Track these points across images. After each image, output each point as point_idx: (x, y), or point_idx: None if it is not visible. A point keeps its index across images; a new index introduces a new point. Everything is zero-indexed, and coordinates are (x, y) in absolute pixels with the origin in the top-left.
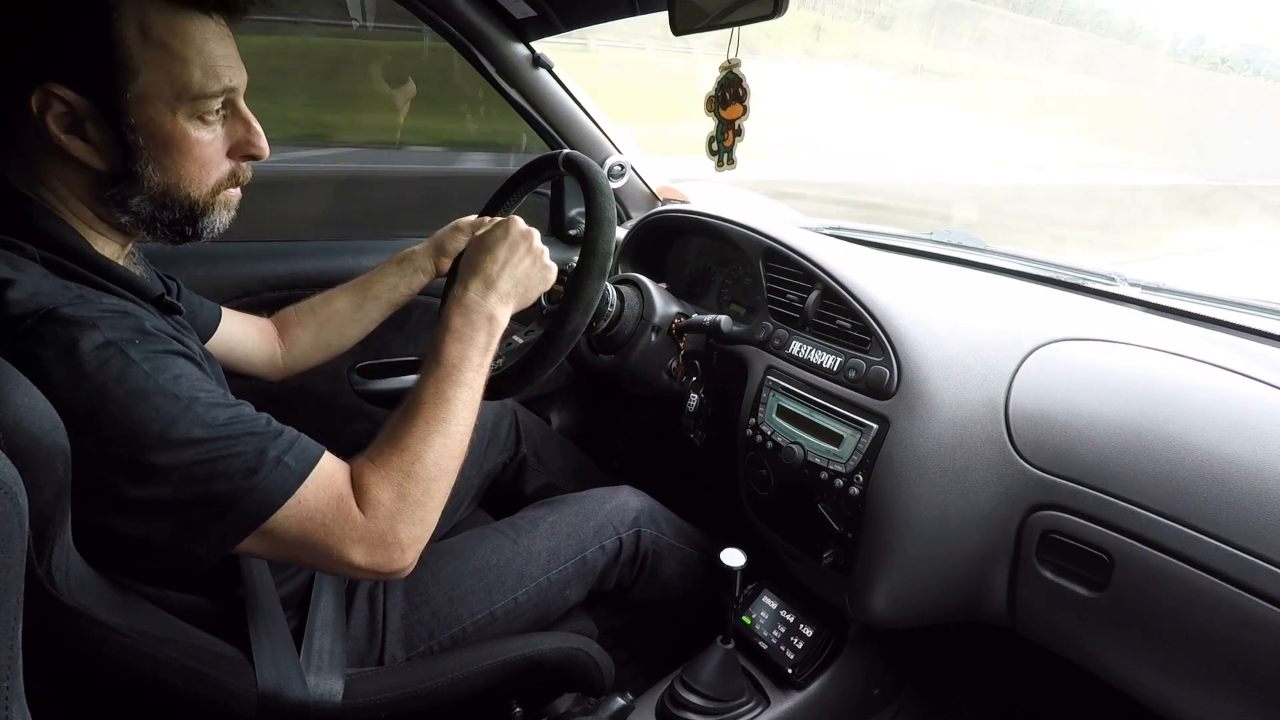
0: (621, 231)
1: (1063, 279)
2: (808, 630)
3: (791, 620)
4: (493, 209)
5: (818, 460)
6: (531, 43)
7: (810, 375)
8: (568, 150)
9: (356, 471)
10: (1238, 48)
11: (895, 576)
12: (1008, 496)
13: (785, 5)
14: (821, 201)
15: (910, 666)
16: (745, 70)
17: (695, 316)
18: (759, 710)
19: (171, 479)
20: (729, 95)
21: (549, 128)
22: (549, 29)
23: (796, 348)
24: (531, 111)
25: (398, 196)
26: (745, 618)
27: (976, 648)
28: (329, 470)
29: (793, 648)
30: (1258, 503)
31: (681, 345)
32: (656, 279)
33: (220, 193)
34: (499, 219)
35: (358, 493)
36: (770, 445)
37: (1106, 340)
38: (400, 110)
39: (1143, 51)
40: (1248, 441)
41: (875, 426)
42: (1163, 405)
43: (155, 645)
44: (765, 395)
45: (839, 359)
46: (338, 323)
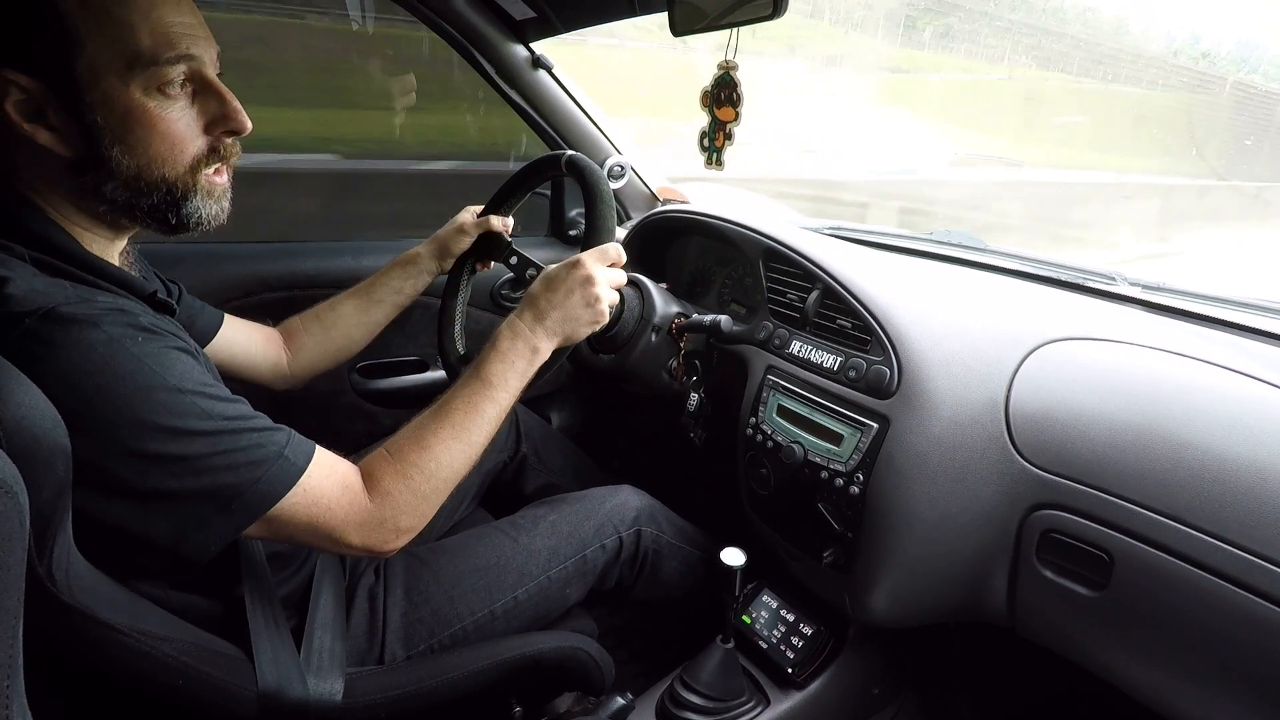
0: (621, 232)
1: (1063, 279)
2: (808, 630)
3: (791, 620)
4: (494, 207)
5: (818, 459)
6: (531, 44)
7: (810, 375)
8: (570, 153)
9: (373, 460)
10: (1234, 46)
11: (895, 576)
12: (1008, 496)
13: (785, 6)
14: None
15: (910, 666)
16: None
17: (695, 316)
18: (759, 710)
19: (177, 471)
20: (723, 96)
21: (549, 128)
22: (548, 30)
23: (797, 347)
24: (531, 112)
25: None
26: (745, 617)
27: (976, 648)
28: (329, 459)
29: (793, 647)
30: (1258, 502)
31: (682, 345)
32: (656, 279)
33: (199, 172)
34: (573, 258)
35: (370, 480)
36: (770, 444)
37: (1107, 340)
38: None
39: (1130, 50)
40: (1248, 441)
41: (875, 426)
42: (1163, 404)
43: (155, 644)
44: (765, 395)
45: (839, 358)
46: (344, 327)
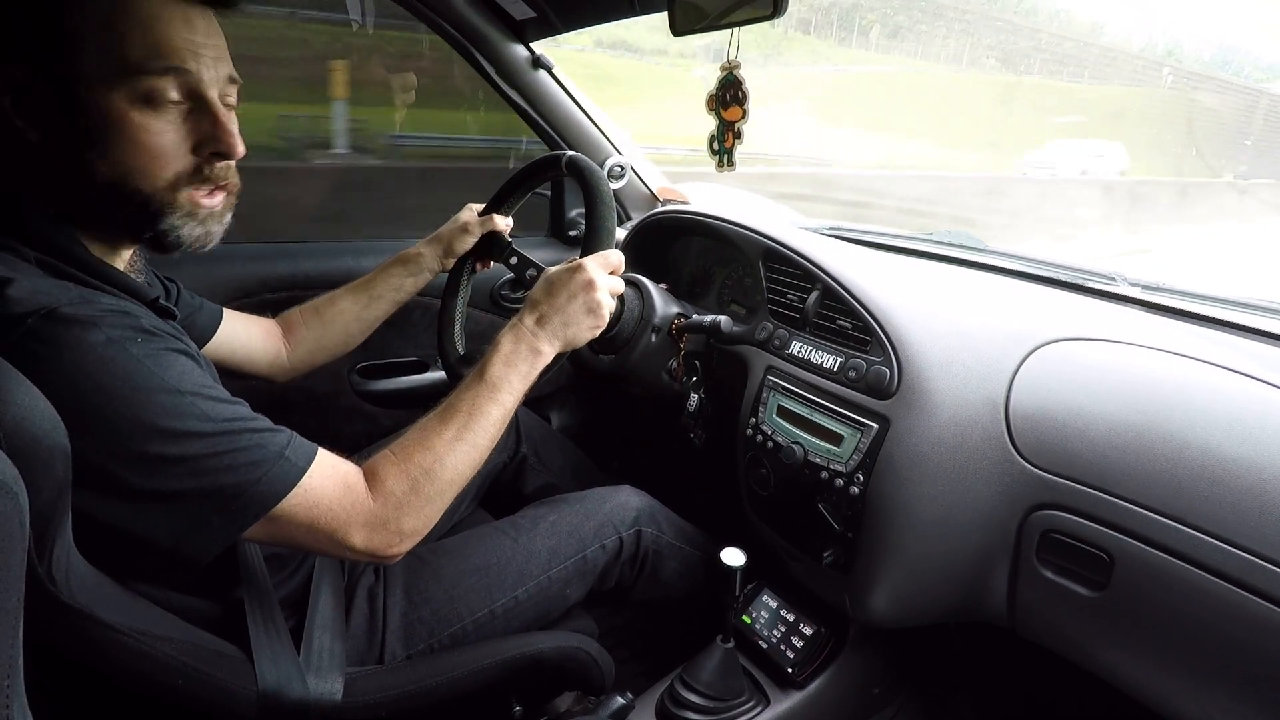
0: (621, 232)
1: (1063, 279)
2: (808, 630)
3: (791, 620)
4: (494, 207)
5: (818, 460)
6: (531, 43)
7: (810, 375)
8: (571, 153)
9: (376, 461)
10: (1216, 50)
11: (895, 576)
12: (1008, 496)
13: (785, 5)
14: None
15: (910, 666)
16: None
17: (695, 317)
18: (759, 710)
19: (177, 472)
20: (729, 97)
21: (549, 128)
22: (549, 29)
23: (796, 348)
24: (531, 112)
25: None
26: (745, 617)
27: (976, 648)
28: (331, 460)
29: (793, 647)
30: (1258, 502)
31: (682, 345)
32: (657, 279)
33: (180, 190)
34: (575, 261)
35: (373, 480)
36: (770, 445)
37: (1107, 340)
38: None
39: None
40: (1248, 441)
41: (875, 426)
42: (1163, 405)
43: (155, 644)
44: (765, 395)
45: (839, 359)
46: (342, 322)
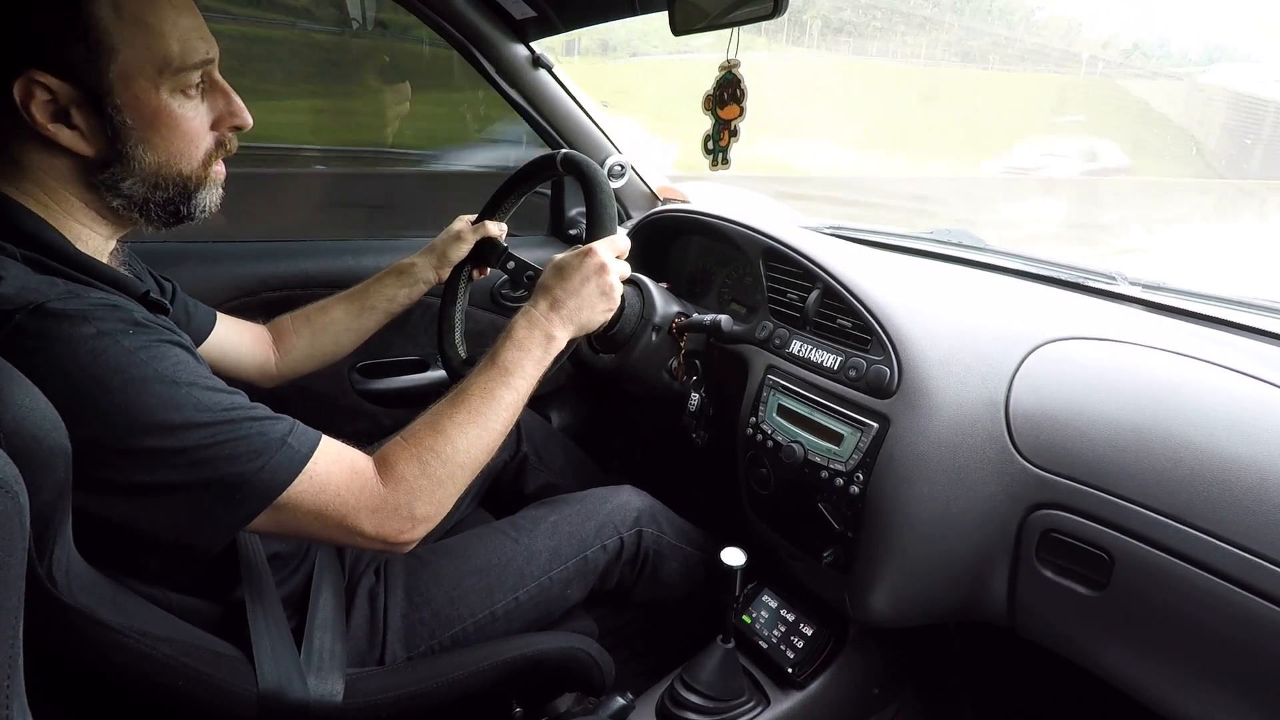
0: (621, 231)
1: (1063, 278)
2: (808, 629)
3: (792, 619)
4: (491, 211)
5: (818, 459)
6: (531, 43)
7: (811, 374)
8: (566, 150)
9: (387, 447)
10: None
11: (895, 576)
12: (1008, 495)
13: (785, 5)
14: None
15: (910, 666)
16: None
17: (695, 316)
18: (759, 710)
19: (178, 464)
20: (726, 95)
21: (549, 128)
22: (549, 29)
23: (797, 347)
24: (531, 112)
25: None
26: (745, 617)
27: (976, 647)
28: (336, 446)
29: (793, 647)
30: (1258, 501)
31: (682, 345)
32: (657, 278)
33: (210, 166)
34: (583, 247)
35: (383, 466)
36: (770, 444)
37: (1107, 339)
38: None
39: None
40: (1248, 440)
41: (875, 425)
42: (1163, 404)
43: (155, 645)
44: (766, 394)
45: (839, 358)
46: (333, 331)
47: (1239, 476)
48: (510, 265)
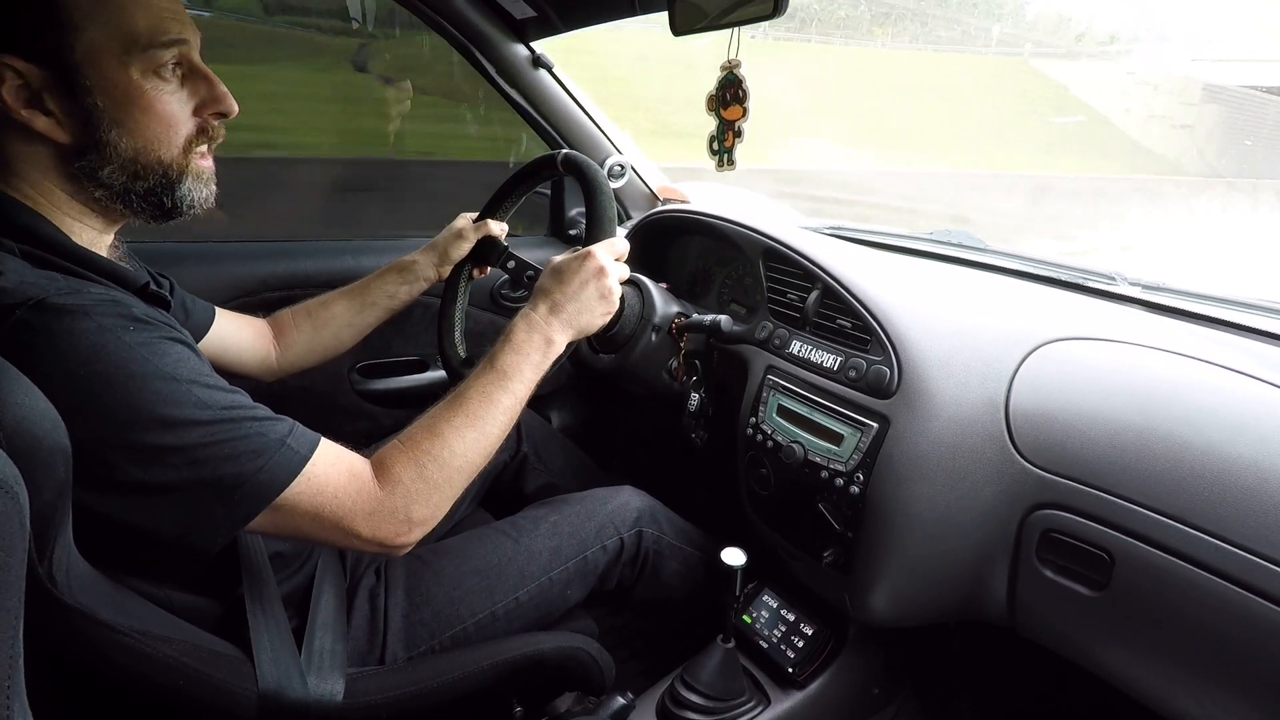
0: (621, 231)
1: (1063, 278)
2: (808, 629)
3: (792, 619)
4: (491, 210)
5: (818, 459)
6: (531, 43)
7: (810, 374)
8: (566, 150)
9: (385, 450)
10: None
11: (895, 576)
12: (1008, 495)
13: (785, 5)
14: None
15: (910, 666)
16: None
17: (695, 316)
18: (759, 709)
19: (177, 462)
20: (729, 96)
21: (549, 128)
22: (549, 29)
23: (797, 347)
24: (531, 112)
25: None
26: (746, 617)
27: (976, 647)
28: (335, 448)
29: (793, 647)
30: (1258, 501)
31: (682, 345)
32: (657, 279)
33: (191, 154)
34: (583, 249)
35: (380, 469)
36: (770, 444)
37: (1107, 339)
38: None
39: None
40: (1248, 440)
41: (875, 426)
42: (1163, 404)
43: (156, 645)
44: (765, 394)
45: (839, 358)
46: (334, 327)
47: (1239, 477)
48: (511, 265)
